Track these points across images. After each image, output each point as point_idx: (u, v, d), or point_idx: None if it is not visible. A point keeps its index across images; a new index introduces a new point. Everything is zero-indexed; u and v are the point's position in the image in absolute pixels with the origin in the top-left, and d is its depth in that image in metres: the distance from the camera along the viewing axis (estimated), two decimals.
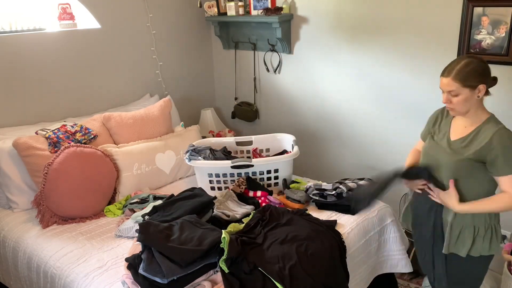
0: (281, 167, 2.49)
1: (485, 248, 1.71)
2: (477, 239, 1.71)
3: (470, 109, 1.65)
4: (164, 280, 1.67)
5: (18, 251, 2.21)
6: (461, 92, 1.60)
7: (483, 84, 1.59)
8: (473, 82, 1.58)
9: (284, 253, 1.81)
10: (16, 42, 2.60)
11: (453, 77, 1.60)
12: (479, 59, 1.62)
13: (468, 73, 1.58)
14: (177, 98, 3.47)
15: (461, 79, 1.58)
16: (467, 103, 1.62)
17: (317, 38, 3.00)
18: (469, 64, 1.59)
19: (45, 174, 2.27)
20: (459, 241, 1.73)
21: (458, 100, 1.62)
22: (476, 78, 1.58)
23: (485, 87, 1.61)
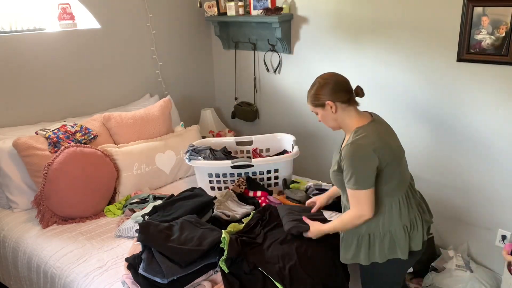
0: (281, 167, 2.49)
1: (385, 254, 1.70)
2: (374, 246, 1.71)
3: (338, 123, 1.74)
4: (164, 280, 1.67)
5: (18, 251, 2.21)
6: (317, 111, 1.75)
7: (329, 101, 1.67)
8: (318, 101, 1.71)
9: (284, 253, 1.81)
10: (16, 42, 2.60)
11: (308, 101, 1.77)
12: (323, 77, 1.72)
13: (312, 95, 1.73)
14: (177, 98, 3.47)
15: (311, 101, 1.74)
16: (328, 119, 1.74)
17: (317, 38, 3.00)
18: (313, 86, 1.73)
19: (45, 174, 2.27)
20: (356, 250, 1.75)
21: (320, 118, 1.76)
22: (320, 97, 1.70)
23: (334, 103, 1.67)
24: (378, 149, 1.60)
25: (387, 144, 1.65)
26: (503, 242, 2.47)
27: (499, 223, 2.48)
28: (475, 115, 2.41)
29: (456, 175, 2.57)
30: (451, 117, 2.50)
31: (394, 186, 1.67)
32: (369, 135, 1.63)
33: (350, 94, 1.71)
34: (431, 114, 2.58)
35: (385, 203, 1.68)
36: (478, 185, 2.50)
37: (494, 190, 2.44)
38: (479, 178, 2.49)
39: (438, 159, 2.62)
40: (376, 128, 1.68)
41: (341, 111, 1.69)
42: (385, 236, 1.68)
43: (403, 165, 1.73)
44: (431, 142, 2.62)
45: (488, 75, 2.30)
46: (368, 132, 1.64)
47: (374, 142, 1.61)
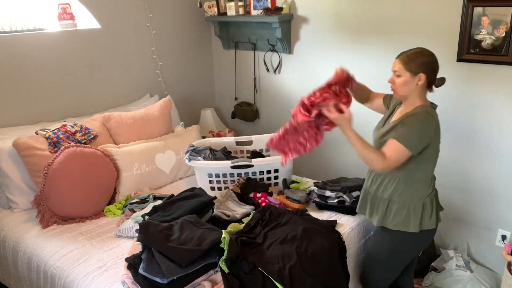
0: (281, 167, 2.49)
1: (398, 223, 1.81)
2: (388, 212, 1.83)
3: (410, 95, 1.77)
4: (164, 280, 1.67)
5: (18, 251, 2.21)
6: (402, 74, 1.73)
7: (424, 73, 1.71)
8: (414, 68, 1.71)
9: (284, 253, 1.81)
10: (16, 42, 2.60)
11: (400, 58, 1.75)
12: (430, 54, 1.74)
13: (413, 60, 1.71)
14: (177, 98, 3.47)
15: (404, 61, 1.72)
16: (406, 87, 1.74)
17: (317, 38, 2.99)
18: (418, 52, 1.73)
19: (45, 174, 2.27)
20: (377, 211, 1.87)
21: (399, 81, 1.74)
22: (418, 66, 1.71)
23: (425, 77, 1.71)
24: (438, 126, 1.76)
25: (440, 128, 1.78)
26: (503, 242, 2.47)
27: (499, 223, 2.48)
28: (474, 115, 2.41)
29: (456, 175, 2.57)
30: (451, 117, 2.49)
31: (430, 167, 1.84)
32: (434, 114, 1.76)
33: (435, 80, 1.78)
34: None
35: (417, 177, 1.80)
36: (478, 185, 2.50)
37: (494, 190, 2.44)
38: (479, 178, 2.49)
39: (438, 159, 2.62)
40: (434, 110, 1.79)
41: (420, 88, 1.74)
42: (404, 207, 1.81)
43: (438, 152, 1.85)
44: None
45: (488, 75, 2.30)
46: (432, 112, 1.76)
47: (435, 116, 1.75)
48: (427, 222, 1.81)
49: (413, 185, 1.80)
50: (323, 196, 2.30)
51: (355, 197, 2.23)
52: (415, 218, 1.79)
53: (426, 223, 1.81)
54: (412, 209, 1.80)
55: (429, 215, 1.81)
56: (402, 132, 1.72)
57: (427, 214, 1.81)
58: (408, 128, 1.71)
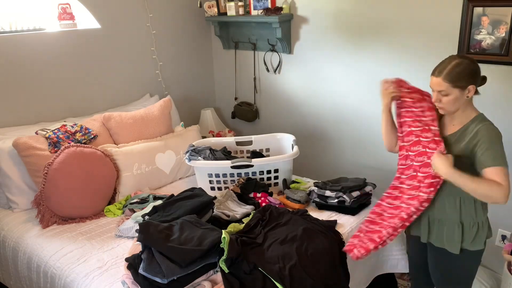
0: (281, 167, 2.49)
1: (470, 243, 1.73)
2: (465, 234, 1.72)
3: (460, 108, 1.67)
4: (164, 280, 1.67)
5: (18, 251, 2.21)
6: (451, 92, 1.61)
7: (473, 85, 1.61)
8: (463, 83, 1.59)
9: (284, 253, 1.81)
10: (16, 42, 2.60)
11: (443, 77, 1.60)
12: (470, 60, 1.63)
13: (458, 74, 1.59)
14: (177, 98, 3.47)
15: (451, 80, 1.59)
16: (457, 103, 1.64)
17: (317, 38, 3.00)
18: (460, 64, 1.60)
19: (45, 174, 2.27)
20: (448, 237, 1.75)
21: (448, 100, 1.63)
22: (466, 79, 1.59)
23: (475, 88, 1.62)
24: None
25: None
26: (503, 242, 2.47)
27: (499, 223, 2.48)
28: None
29: None
30: None
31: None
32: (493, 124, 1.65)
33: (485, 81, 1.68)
34: None
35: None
36: None
37: None
38: None
39: None
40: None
41: (470, 97, 1.65)
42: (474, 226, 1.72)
43: None
44: None
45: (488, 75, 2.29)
46: (490, 121, 1.66)
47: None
48: (489, 234, 1.76)
49: (478, 201, 1.70)
50: (323, 196, 2.30)
51: (355, 197, 2.23)
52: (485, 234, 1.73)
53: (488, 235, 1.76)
54: (481, 227, 1.72)
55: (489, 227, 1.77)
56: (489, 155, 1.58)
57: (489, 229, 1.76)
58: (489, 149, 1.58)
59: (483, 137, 1.60)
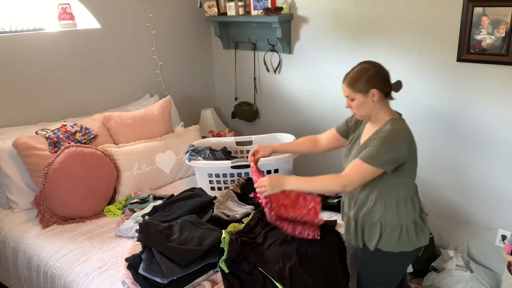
0: (281, 167, 2.49)
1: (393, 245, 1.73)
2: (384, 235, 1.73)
3: (371, 113, 1.70)
4: (164, 280, 1.67)
5: (18, 251, 2.21)
6: (354, 97, 1.67)
7: (375, 89, 1.63)
8: (363, 87, 1.64)
9: (284, 253, 1.81)
10: (16, 42, 2.60)
11: (346, 83, 1.68)
12: (372, 65, 1.68)
13: (357, 79, 1.65)
14: (177, 98, 3.47)
15: (351, 84, 1.66)
16: (364, 108, 1.68)
17: (317, 38, 2.99)
18: (360, 70, 1.66)
19: (45, 174, 2.27)
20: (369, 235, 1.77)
21: (355, 104, 1.68)
22: (365, 83, 1.64)
23: (378, 92, 1.64)
24: (411, 140, 1.66)
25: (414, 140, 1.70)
26: (503, 242, 2.47)
27: (499, 223, 2.48)
28: (475, 115, 2.41)
29: (456, 175, 2.57)
30: (451, 117, 2.50)
31: (412, 180, 1.75)
32: (405, 128, 1.68)
33: (390, 87, 1.71)
34: (430, 114, 2.58)
35: (403, 194, 1.71)
36: (478, 185, 2.50)
37: (494, 190, 2.44)
38: (479, 178, 2.49)
39: (438, 159, 2.62)
40: (405, 123, 1.72)
41: (379, 102, 1.67)
42: (397, 228, 1.71)
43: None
44: (430, 142, 2.62)
45: (488, 75, 2.30)
46: (403, 125, 1.69)
47: (408, 133, 1.67)
48: (421, 239, 1.74)
49: (401, 204, 1.71)
50: (323, 196, 2.30)
51: None
52: (410, 237, 1.72)
53: (421, 240, 1.74)
54: (404, 230, 1.71)
55: (422, 232, 1.75)
56: (368, 150, 1.64)
57: (419, 232, 1.74)
58: (375, 146, 1.62)
59: (379, 137, 1.64)
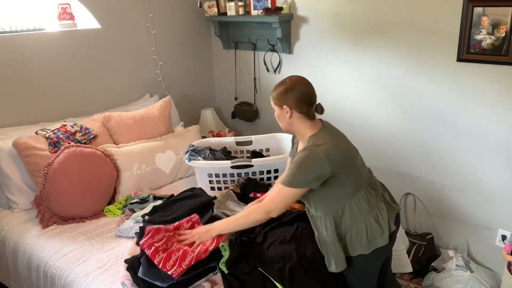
0: (281, 167, 2.49)
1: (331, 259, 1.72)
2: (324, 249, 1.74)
3: (291, 128, 1.73)
4: (164, 284, 1.67)
5: (18, 251, 2.21)
6: (274, 108, 1.73)
7: (286, 105, 1.66)
8: (277, 101, 1.69)
9: (284, 253, 1.80)
10: (16, 42, 2.60)
11: (271, 94, 1.73)
12: (294, 81, 1.68)
13: (275, 93, 1.70)
14: (177, 98, 3.47)
15: (272, 96, 1.72)
16: (282, 120, 1.73)
17: (317, 38, 2.99)
18: (282, 82, 1.70)
19: (45, 174, 2.27)
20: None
21: (276, 114, 1.74)
22: (278, 97, 1.68)
23: (290, 109, 1.66)
24: (331, 155, 1.62)
25: (339, 148, 1.68)
26: (503, 242, 2.47)
27: (499, 223, 2.48)
28: (475, 115, 2.41)
29: (456, 175, 2.57)
30: (450, 117, 2.50)
31: (352, 188, 1.70)
32: (322, 143, 1.65)
33: (310, 108, 1.70)
34: (430, 114, 2.58)
35: (345, 204, 1.70)
36: (478, 185, 2.50)
37: (494, 190, 2.44)
38: (479, 178, 2.49)
39: (438, 159, 2.62)
40: (328, 135, 1.71)
41: (295, 119, 1.70)
42: (347, 234, 1.71)
43: (358, 165, 1.74)
44: (430, 142, 2.62)
45: (488, 75, 2.30)
46: (320, 139, 1.67)
47: (327, 148, 1.63)
48: (378, 240, 1.70)
49: (345, 213, 1.69)
50: None
51: None
52: (363, 240, 1.69)
53: (378, 241, 1.70)
54: (355, 233, 1.69)
55: (379, 234, 1.70)
56: (287, 173, 1.66)
57: (375, 232, 1.70)
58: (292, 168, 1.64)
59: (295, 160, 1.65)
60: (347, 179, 1.68)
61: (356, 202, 1.70)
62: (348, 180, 1.69)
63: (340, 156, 1.65)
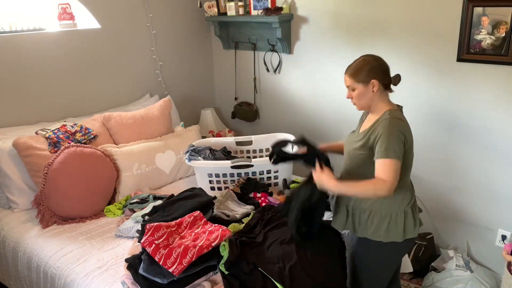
0: (281, 167, 2.49)
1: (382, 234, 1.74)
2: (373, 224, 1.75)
3: (371, 103, 1.75)
4: (164, 280, 1.67)
5: (18, 251, 2.21)
6: (356, 87, 1.73)
7: (375, 79, 1.69)
8: (364, 77, 1.70)
9: (284, 253, 1.80)
10: (16, 42, 2.60)
11: (348, 74, 1.74)
12: (374, 57, 1.74)
13: (359, 69, 1.71)
14: (177, 98, 3.47)
15: (353, 74, 1.73)
16: (364, 98, 1.73)
17: (317, 38, 2.99)
18: (362, 61, 1.73)
19: (45, 174, 2.27)
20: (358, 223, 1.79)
21: (355, 94, 1.74)
22: (366, 73, 1.70)
23: (378, 82, 1.69)
24: (408, 132, 1.69)
25: (410, 131, 1.72)
26: (503, 242, 2.47)
27: (499, 223, 2.48)
28: (475, 115, 2.41)
29: (456, 175, 2.57)
30: (450, 117, 2.50)
31: (405, 174, 1.73)
32: (402, 118, 1.72)
33: (390, 80, 1.75)
34: (430, 114, 2.58)
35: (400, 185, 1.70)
36: (478, 185, 2.50)
37: (494, 189, 2.44)
38: (479, 178, 2.49)
39: (438, 159, 2.62)
40: (403, 115, 1.76)
41: (379, 93, 1.72)
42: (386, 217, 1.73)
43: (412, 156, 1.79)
44: (431, 142, 2.62)
45: (488, 75, 2.30)
46: (400, 116, 1.73)
47: (406, 125, 1.70)
48: (410, 230, 1.74)
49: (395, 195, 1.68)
50: None
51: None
52: (398, 227, 1.72)
53: (410, 231, 1.74)
54: (394, 219, 1.73)
55: (412, 224, 1.75)
56: (382, 146, 1.63)
57: (409, 223, 1.74)
58: (384, 139, 1.64)
59: (380, 130, 1.66)
60: (407, 160, 1.71)
61: (404, 189, 1.74)
62: (407, 161, 1.72)
63: (410, 138, 1.70)
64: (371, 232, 1.76)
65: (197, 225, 1.95)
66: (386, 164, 1.62)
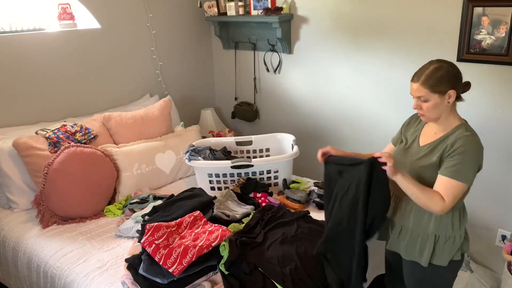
0: (281, 167, 2.49)
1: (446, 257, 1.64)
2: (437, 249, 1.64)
3: (441, 115, 1.59)
4: (164, 280, 1.67)
5: (18, 251, 2.21)
6: (430, 98, 1.54)
7: (453, 90, 1.54)
8: (442, 88, 1.53)
9: (284, 254, 1.80)
10: (16, 42, 2.60)
11: (422, 82, 1.54)
12: (450, 64, 1.57)
13: (437, 79, 1.53)
14: (177, 98, 3.47)
15: (430, 84, 1.53)
16: (437, 109, 1.57)
17: (317, 38, 3.00)
18: (439, 69, 1.54)
19: (45, 174, 2.27)
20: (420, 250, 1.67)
21: (428, 106, 1.56)
22: (446, 83, 1.53)
23: (455, 93, 1.55)
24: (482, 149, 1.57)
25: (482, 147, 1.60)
26: (503, 242, 2.47)
27: (499, 223, 2.48)
28: (474, 115, 2.40)
29: None
30: None
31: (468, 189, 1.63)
32: (475, 133, 1.57)
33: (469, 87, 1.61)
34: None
35: (461, 204, 1.64)
36: (478, 185, 2.49)
37: (494, 190, 2.44)
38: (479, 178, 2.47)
39: None
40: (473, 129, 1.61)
41: (452, 104, 1.58)
42: (449, 239, 1.63)
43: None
44: None
45: (488, 75, 2.30)
46: (472, 130, 1.58)
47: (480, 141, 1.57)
48: (465, 247, 1.67)
49: (456, 214, 1.63)
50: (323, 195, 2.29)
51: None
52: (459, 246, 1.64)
53: (465, 248, 1.67)
54: (458, 240, 1.63)
55: (467, 240, 1.68)
56: (455, 165, 1.51)
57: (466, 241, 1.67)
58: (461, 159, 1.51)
59: (459, 148, 1.53)
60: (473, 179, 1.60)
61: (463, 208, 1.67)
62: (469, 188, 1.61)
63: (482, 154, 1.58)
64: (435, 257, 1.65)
65: (197, 225, 1.95)
66: (452, 186, 1.52)
